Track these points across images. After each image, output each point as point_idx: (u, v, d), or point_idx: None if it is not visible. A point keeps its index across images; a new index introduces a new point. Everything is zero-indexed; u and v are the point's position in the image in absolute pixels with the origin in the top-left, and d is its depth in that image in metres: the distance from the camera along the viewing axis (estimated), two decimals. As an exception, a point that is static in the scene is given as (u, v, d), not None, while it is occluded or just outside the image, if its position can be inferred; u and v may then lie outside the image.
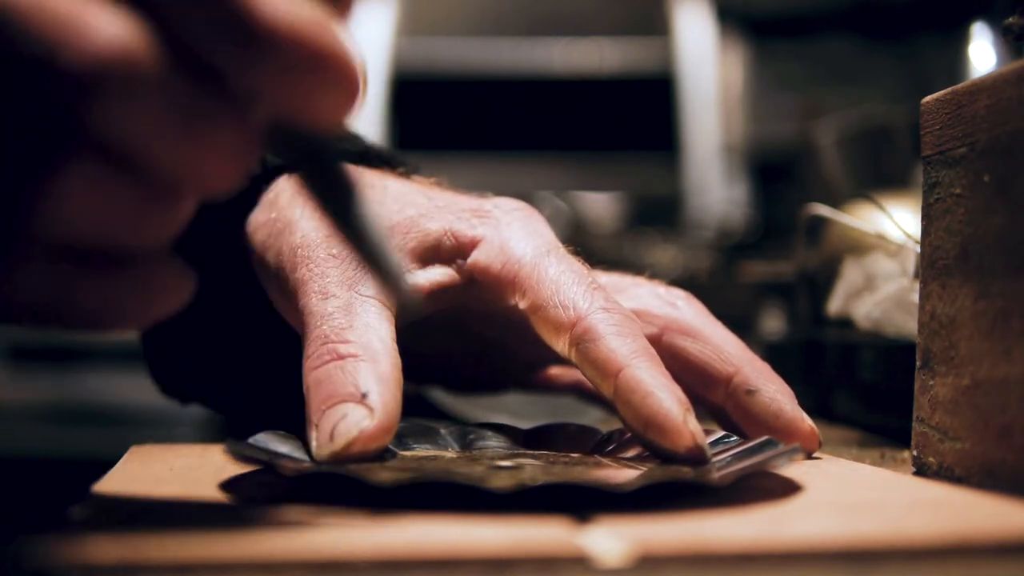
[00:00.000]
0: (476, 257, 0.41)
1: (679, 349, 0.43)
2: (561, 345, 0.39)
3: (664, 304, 0.44)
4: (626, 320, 0.38)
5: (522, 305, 0.40)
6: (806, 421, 0.40)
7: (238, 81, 0.24)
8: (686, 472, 0.33)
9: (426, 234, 0.41)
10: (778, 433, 0.39)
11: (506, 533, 0.24)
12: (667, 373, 0.37)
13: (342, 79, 0.25)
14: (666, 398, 0.35)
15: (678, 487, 0.30)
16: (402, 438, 0.39)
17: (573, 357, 0.38)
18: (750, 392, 0.41)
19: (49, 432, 1.51)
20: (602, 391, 0.37)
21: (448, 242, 0.41)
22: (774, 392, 0.41)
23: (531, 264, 0.40)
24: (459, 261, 0.41)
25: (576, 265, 0.41)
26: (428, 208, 0.42)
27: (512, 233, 0.41)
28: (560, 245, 0.42)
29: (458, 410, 0.55)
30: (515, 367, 0.53)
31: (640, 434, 0.36)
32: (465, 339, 0.49)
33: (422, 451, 0.38)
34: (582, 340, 0.38)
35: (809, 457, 0.40)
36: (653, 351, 0.38)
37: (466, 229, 0.41)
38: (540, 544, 0.23)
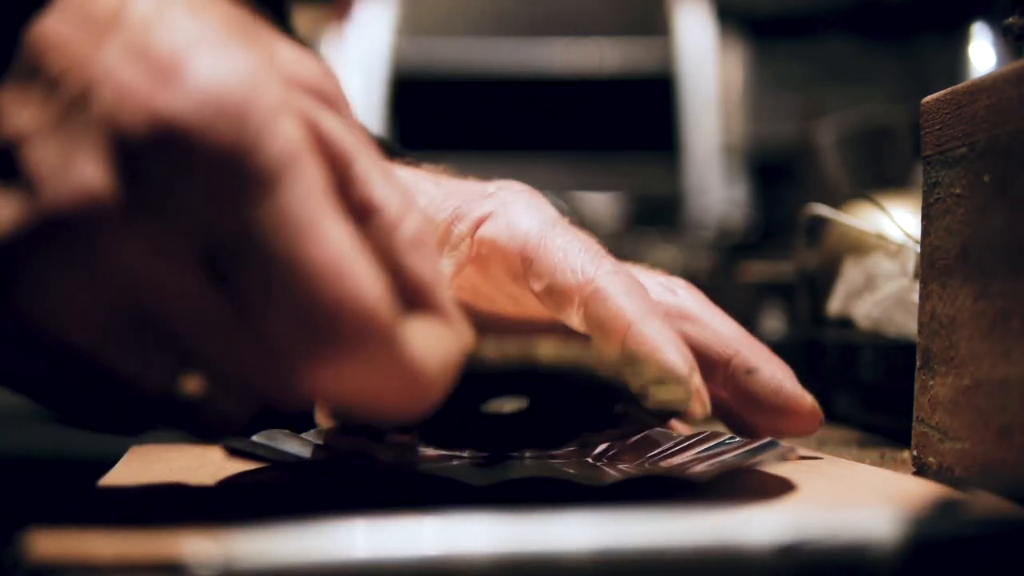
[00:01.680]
0: (483, 233, 0.41)
1: (679, 334, 0.43)
2: (570, 310, 0.39)
3: (664, 291, 0.44)
4: (634, 281, 0.39)
5: (530, 278, 0.40)
6: (807, 398, 0.40)
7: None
8: (664, 469, 0.33)
9: (436, 226, 0.42)
10: (779, 411, 0.39)
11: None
12: (675, 331, 0.38)
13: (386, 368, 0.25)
14: (672, 352, 0.36)
15: (658, 483, 0.30)
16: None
17: (582, 319, 0.39)
18: (750, 372, 0.41)
19: (49, 432, 1.51)
20: (610, 352, 0.37)
21: (457, 228, 0.42)
22: (774, 370, 0.41)
23: (537, 235, 0.41)
24: (467, 240, 0.42)
25: (581, 235, 0.41)
26: (437, 196, 0.43)
27: (517, 209, 0.42)
28: (564, 220, 0.43)
29: None
30: None
31: (646, 390, 0.35)
32: (472, 322, 0.49)
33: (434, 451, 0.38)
34: (591, 301, 0.38)
35: (806, 458, 0.40)
36: (662, 310, 0.39)
37: (472, 209, 0.42)
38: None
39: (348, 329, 0.24)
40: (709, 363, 0.42)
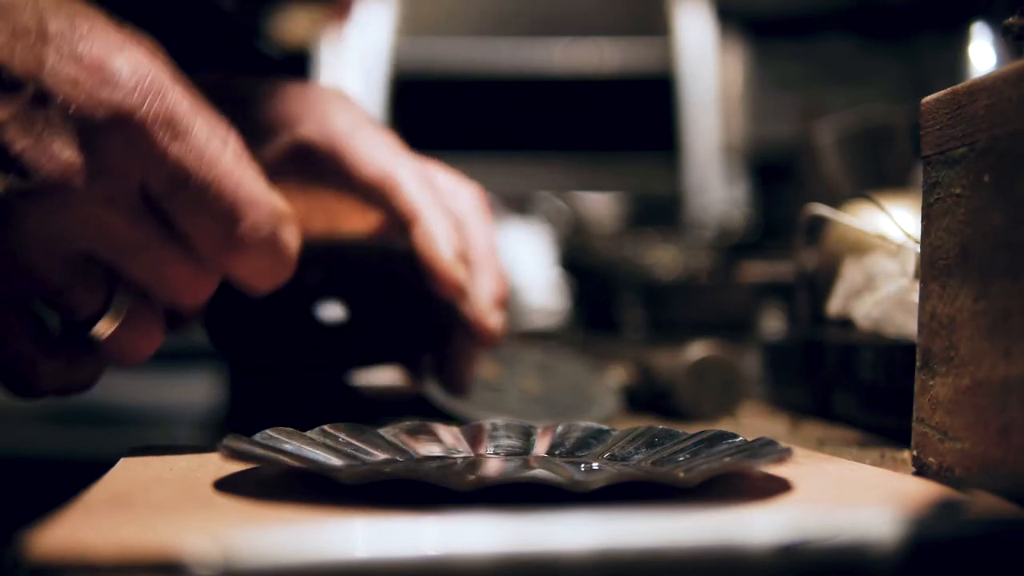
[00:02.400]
0: (299, 133, 0.49)
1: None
2: (372, 199, 0.48)
3: (450, 195, 0.52)
4: (427, 179, 0.49)
5: (341, 164, 0.49)
6: (491, 321, 0.49)
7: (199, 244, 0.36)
8: (653, 472, 0.33)
9: (262, 128, 0.50)
10: (469, 323, 0.49)
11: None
12: (454, 225, 0.48)
13: (277, 261, 0.38)
14: (445, 244, 0.47)
15: (645, 487, 0.30)
16: (416, 435, 0.39)
17: (383, 209, 0.49)
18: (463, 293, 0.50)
19: (49, 432, 1.51)
20: (405, 231, 0.48)
21: (279, 132, 0.50)
22: (481, 296, 0.50)
23: (345, 134, 0.49)
24: (285, 139, 0.50)
25: (386, 135, 0.50)
26: (264, 104, 0.50)
27: (329, 110, 0.50)
28: (371, 118, 0.51)
29: (459, 410, 0.55)
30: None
31: (427, 272, 0.47)
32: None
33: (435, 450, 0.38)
34: (390, 193, 0.48)
35: (805, 458, 0.39)
36: (446, 206, 0.49)
37: (290, 113, 0.49)
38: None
39: (253, 225, 0.36)
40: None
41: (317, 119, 0.49)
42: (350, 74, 1.96)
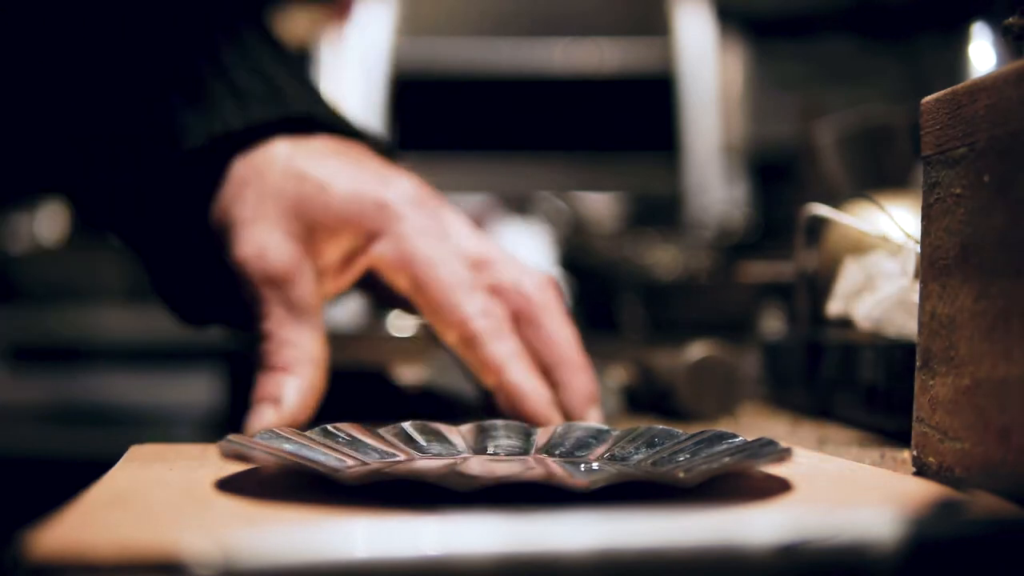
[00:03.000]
0: (375, 252, 0.48)
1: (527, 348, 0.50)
2: (450, 340, 0.48)
3: (519, 296, 0.50)
4: (500, 324, 0.47)
5: (416, 299, 0.48)
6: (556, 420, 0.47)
7: None
8: (653, 472, 0.33)
9: (334, 234, 0.48)
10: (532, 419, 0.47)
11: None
12: (533, 369, 0.47)
13: None
14: (536, 400, 0.46)
15: (645, 487, 0.30)
16: (415, 441, 0.39)
17: (460, 353, 0.48)
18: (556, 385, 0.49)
19: (49, 432, 1.51)
20: (486, 382, 0.48)
21: (351, 241, 0.48)
22: (574, 394, 0.48)
23: (424, 264, 0.47)
24: (360, 257, 0.49)
25: (463, 260, 0.48)
26: (335, 196, 0.48)
27: (407, 231, 0.48)
28: (446, 234, 0.49)
29: (461, 399, 0.55)
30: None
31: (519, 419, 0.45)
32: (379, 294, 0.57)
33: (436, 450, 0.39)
34: (468, 345, 0.47)
35: (805, 458, 0.39)
36: (522, 349, 0.47)
37: (365, 223, 0.48)
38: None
39: None
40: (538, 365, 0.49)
41: (394, 238, 0.48)
42: (350, 74, 1.96)
